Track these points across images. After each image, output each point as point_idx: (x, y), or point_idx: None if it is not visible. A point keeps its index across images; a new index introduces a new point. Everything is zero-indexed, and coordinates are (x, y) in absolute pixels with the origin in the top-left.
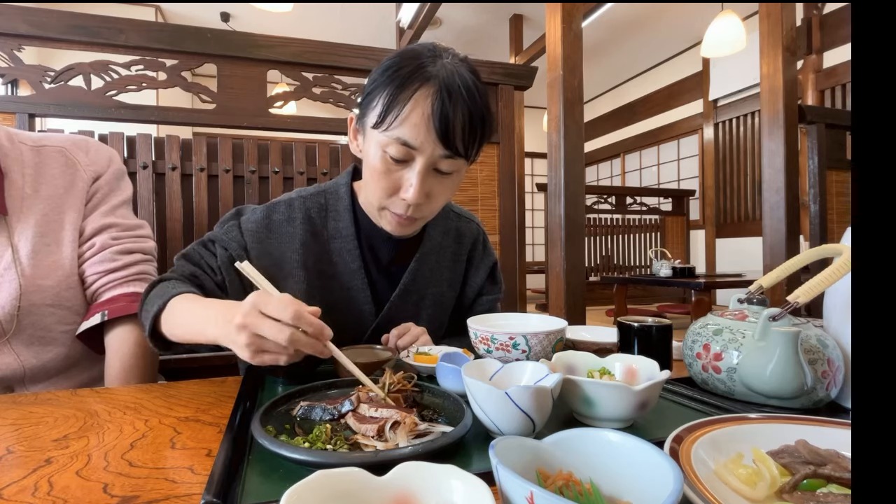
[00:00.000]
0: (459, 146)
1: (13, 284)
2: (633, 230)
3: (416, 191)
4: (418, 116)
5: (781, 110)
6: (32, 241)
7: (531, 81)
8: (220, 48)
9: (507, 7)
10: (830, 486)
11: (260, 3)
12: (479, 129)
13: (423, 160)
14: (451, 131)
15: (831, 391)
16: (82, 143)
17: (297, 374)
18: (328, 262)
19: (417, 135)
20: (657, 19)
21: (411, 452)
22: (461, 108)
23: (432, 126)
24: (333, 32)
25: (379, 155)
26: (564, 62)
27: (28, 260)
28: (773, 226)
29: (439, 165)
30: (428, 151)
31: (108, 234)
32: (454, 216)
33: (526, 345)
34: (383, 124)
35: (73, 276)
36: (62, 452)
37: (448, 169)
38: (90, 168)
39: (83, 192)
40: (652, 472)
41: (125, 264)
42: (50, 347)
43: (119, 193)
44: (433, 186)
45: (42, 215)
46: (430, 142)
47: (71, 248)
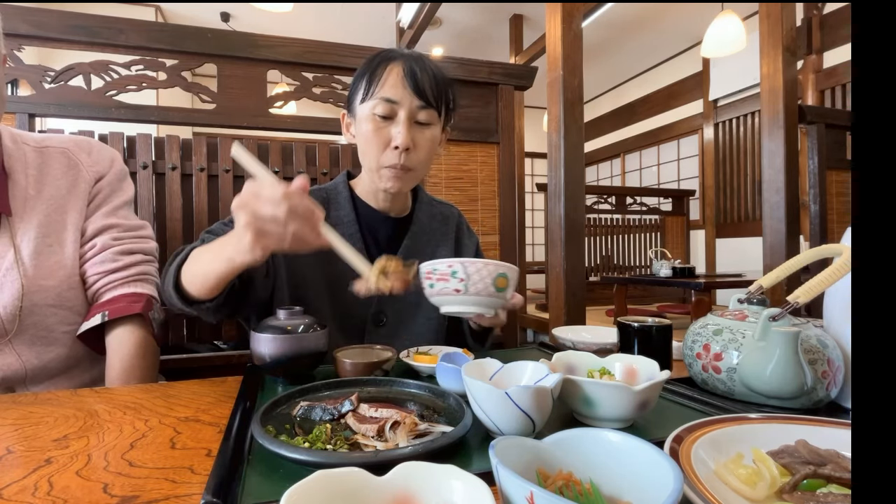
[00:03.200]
0: (431, 98)
1: (15, 285)
2: (633, 230)
3: (403, 135)
4: (394, 78)
5: (781, 110)
6: (35, 242)
7: (531, 81)
8: (220, 48)
9: (507, 7)
10: (830, 486)
11: (260, 3)
12: (443, 87)
13: (404, 112)
14: (422, 85)
15: (831, 391)
16: (85, 144)
17: (297, 374)
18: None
19: (396, 91)
20: (657, 19)
21: (411, 452)
22: (427, 69)
23: (407, 84)
24: (333, 32)
25: (369, 118)
26: (564, 62)
27: (30, 260)
28: (773, 226)
29: (418, 116)
30: (407, 103)
31: (110, 235)
32: (436, 203)
33: (464, 272)
34: (368, 94)
35: (74, 277)
36: (62, 452)
37: (425, 119)
38: (92, 169)
39: (85, 193)
40: (652, 472)
41: (126, 265)
42: (51, 348)
43: (121, 194)
44: (416, 135)
45: (44, 216)
46: (407, 95)
47: (73, 248)
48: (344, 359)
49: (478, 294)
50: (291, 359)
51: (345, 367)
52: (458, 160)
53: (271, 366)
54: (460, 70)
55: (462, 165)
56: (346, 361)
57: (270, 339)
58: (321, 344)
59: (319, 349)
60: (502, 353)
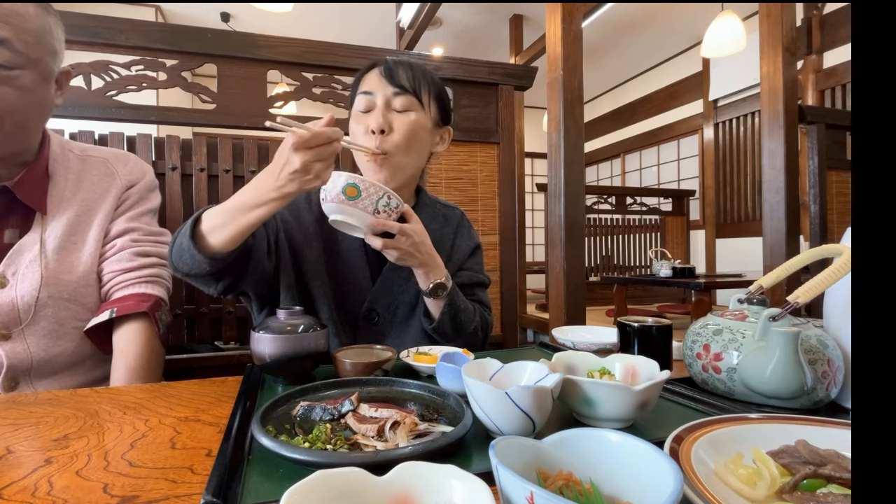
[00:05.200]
0: (406, 84)
1: (35, 276)
2: (633, 230)
3: (376, 118)
4: (373, 76)
5: (781, 110)
6: (61, 238)
7: (531, 81)
8: (220, 48)
9: (507, 7)
10: (830, 486)
11: (260, 3)
12: (421, 76)
13: (380, 99)
14: (396, 75)
15: (831, 391)
16: (123, 157)
17: (297, 374)
18: (334, 241)
19: (371, 84)
20: (657, 19)
21: (411, 452)
22: (404, 63)
23: (382, 75)
24: (333, 32)
25: (354, 116)
26: (564, 62)
27: (53, 255)
28: (773, 226)
29: (393, 103)
30: (381, 92)
31: (130, 237)
32: (440, 206)
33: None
34: (354, 97)
35: (91, 274)
36: (62, 452)
37: (402, 106)
38: (126, 178)
39: (115, 198)
40: (652, 472)
41: (140, 265)
42: (60, 342)
43: (147, 203)
44: (392, 119)
45: (75, 215)
46: (382, 85)
47: (95, 247)
48: (344, 359)
49: (332, 201)
50: (291, 359)
51: (345, 367)
52: (458, 160)
53: (271, 366)
54: (460, 70)
55: (462, 165)
56: (346, 361)
57: (270, 339)
58: (321, 344)
59: (319, 349)
60: (502, 353)
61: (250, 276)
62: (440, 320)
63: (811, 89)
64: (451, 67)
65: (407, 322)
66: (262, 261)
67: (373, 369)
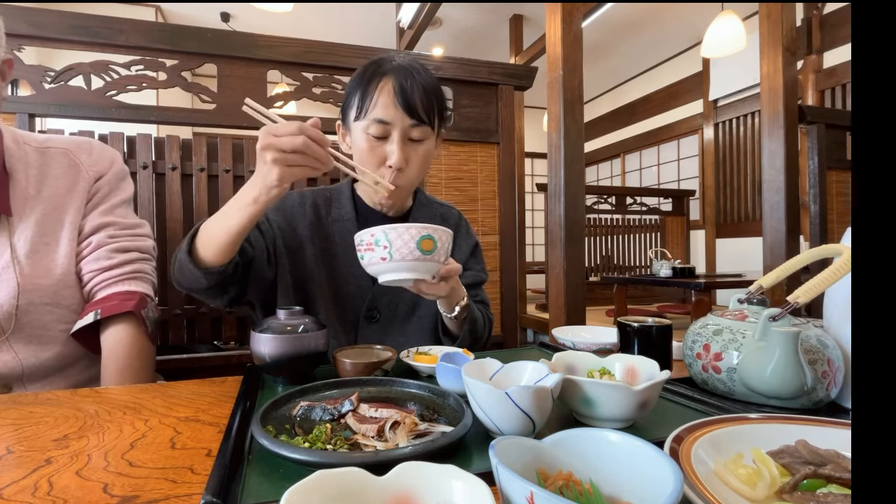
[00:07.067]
0: (423, 114)
1: (11, 283)
2: (633, 230)
3: (397, 155)
4: (386, 98)
5: (781, 110)
6: (32, 241)
7: (531, 81)
8: (220, 48)
9: (507, 7)
10: (830, 486)
11: (260, 3)
12: (434, 100)
13: (397, 132)
14: (413, 103)
15: (831, 391)
16: (85, 145)
17: (297, 374)
18: (331, 242)
19: (388, 112)
20: (657, 19)
21: (411, 452)
22: (416, 84)
23: (398, 103)
24: (333, 32)
25: (363, 137)
26: (564, 62)
27: (26, 259)
28: (773, 226)
29: (411, 134)
30: (399, 123)
31: (105, 233)
32: (437, 205)
33: (386, 240)
34: (361, 112)
35: (70, 275)
36: (62, 452)
37: (419, 136)
38: (92, 168)
39: (84, 192)
40: (652, 472)
41: (120, 262)
42: (48, 346)
43: (119, 193)
44: (409, 153)
45: (42, 215)
46: (399, 116)
47: (69, 246)
48: (344, 359)
49: (403, 259)
50: (291, 359)
51: (345, 367)
52: (458, 160)
53: (271, 366)
54: (460, 70)
55: (462, 165)
56: (346, 361)
57: (270, 339)
58: (321, 344)
59: (319, 349)
60: (502, 353)
61: (254, 285)
62: (462, 337)
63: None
64: (451, 67)
65: (408, 319)
66: (263, 269)
67: (373, 369)
